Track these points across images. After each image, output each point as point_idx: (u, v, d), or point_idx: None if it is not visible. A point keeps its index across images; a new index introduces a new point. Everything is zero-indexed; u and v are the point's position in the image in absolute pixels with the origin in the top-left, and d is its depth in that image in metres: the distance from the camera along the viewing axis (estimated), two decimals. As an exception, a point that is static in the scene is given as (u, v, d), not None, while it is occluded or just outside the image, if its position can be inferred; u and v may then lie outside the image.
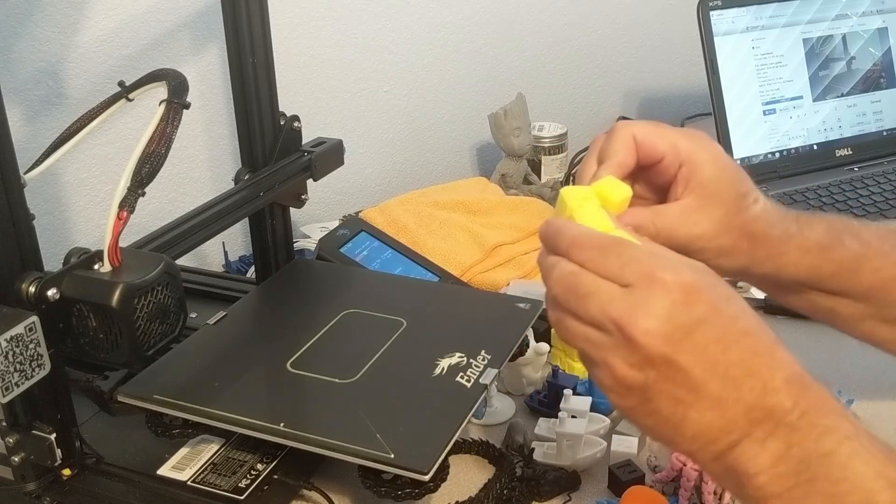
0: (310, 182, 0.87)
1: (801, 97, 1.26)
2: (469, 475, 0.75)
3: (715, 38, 1.21)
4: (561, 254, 0.50)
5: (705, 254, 0.60)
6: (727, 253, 0.61)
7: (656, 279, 0.46)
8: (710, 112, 1.23)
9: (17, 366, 0.59)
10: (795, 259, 0.62)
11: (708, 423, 0.47)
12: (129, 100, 0.67)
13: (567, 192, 0.55)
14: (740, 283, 0.99)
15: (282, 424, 0.65)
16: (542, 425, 0.78)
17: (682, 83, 1.60)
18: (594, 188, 0.56)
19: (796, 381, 0.47)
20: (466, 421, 0.66)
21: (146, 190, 0.63)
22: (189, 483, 0.68)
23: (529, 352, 0.81)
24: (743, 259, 0.62)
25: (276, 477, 0.69)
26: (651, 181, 0.62)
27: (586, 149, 1.29)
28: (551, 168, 1.33)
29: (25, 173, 0.63)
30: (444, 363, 0.71)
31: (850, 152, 1.28)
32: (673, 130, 0.60)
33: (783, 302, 0.67)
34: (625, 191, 0.56)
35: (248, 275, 1.07)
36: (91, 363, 0.66)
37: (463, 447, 0.77)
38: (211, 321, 0.79)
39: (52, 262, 0.66)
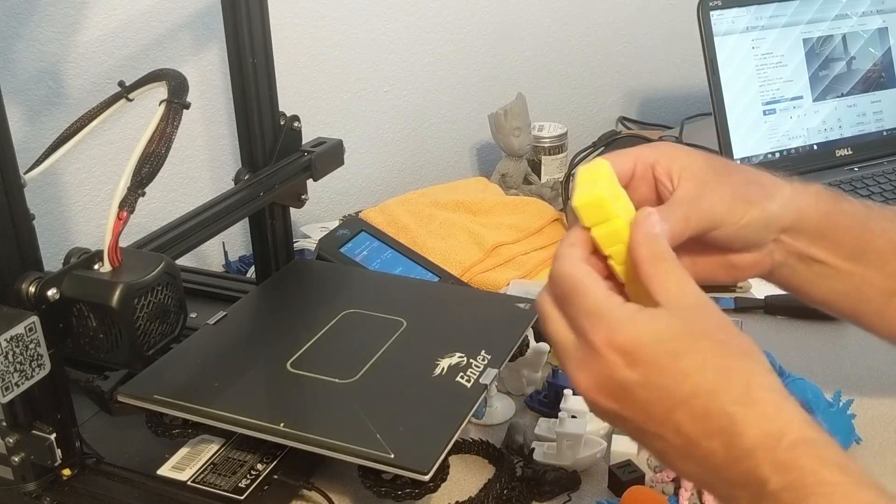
0: (310, 182, 0.87)
1: (801, 97, 1.26)
2: (469, 475, 0.75)
3: (715, 38, 1.21)
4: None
5: (735, 227, 0.58)
6: (747, 211, 0.58)
7: (589, 342, 0.48)
8: (710, 112, 1.23)
9: (17, 366, 0.59)
10: (813, 203, 0.60)
11: (688, 471, 0.47)
12: (129, 100, 0.67)
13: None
14: (740, 284, 1.00)
15: (282, 424, 0.65)
16: (542, 425, 0.78)
17: (682, 83, 1.60)
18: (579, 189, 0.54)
19: (772, 446, 0.44)
20: (466, 421, 0.66)
21: (146, 190, 0.63)
22: (189, 483, 0.68)
23: (529, 352, 0.81)
24: (762, 208, 0.59)
25: (276, 477, 0.69)
26: (646, 198, 0.59)
27: (587, 148, 1.30)
28: (551, 168, 1.33)
29: (25, 173, 0.63)
30: (444, 363, 0.71)
31: (850, 152, 1.28)
32: (634, 148, 0.59)
33: (811, 292, 0.64)
34: (602, 165, 0.54)
35: (248, 275, 1.07)
36: (91, 363, 0.66)
37: (463, 447, 0.77)
38: (211, 321, 0.79)
39: (52, 262, 0.66)
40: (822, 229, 0.61)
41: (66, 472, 0.68)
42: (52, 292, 0.61)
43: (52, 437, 0.65)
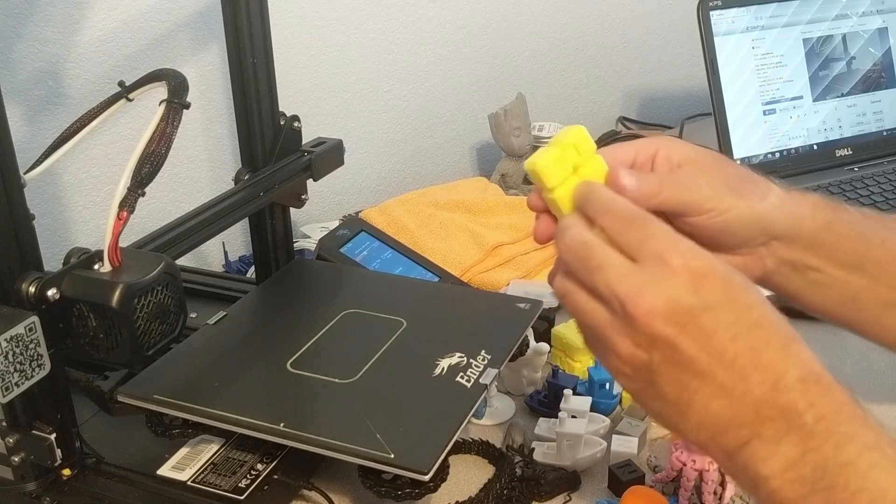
0: (310, 182, 0.87)
1: (801, 97, 1.26)
2: (469, 475, 0.75)
3: (715, 38, 1.21)
4: (590, 215, 0.50)
5: (720, 218, 0.57)
6: (739, 202, 0.57)
7: (666, 261, 0.46)
8: (710, 112, 1.23)
9: (17, 366, 0.59)
10: (810, 212, 0.60)
11: (715, 412, 0.46)
12: (129, 100, 0.67)
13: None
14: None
15: (282, 424, 0.65)
16: (542, 425, 0.78)
17: (682, 83, 1.60)
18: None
19: (813, 382, 0.46)
20: (466, 421, 0.66)
21: (146, 190, 0.63)
22: (189, 483, 0.68)
23: (529, 352, 0.81)
24: (751, 204, 0.58)
25: (276, 477, 0.69)
26: None
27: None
28: (551, 168, 1.33)
29: (25, 173, 0.63)
30: (444, 363, 0.71)
31: (850, 152, 1.28)
32: (636, 140, 0.59)
33: (805, 300, 0.64)
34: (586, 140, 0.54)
35: (248, 275, 1.07)
36: (91, 363, 0.66)
37: (463, 447, 0.77)
38: (211, 321, 0.79)
39: (52, 262, 0.66)
40: (819, 238, 0.60)
41: (66, 472, 0.68)
42: (52, 292, 0.61)
43: (52, 437, 0.65)
